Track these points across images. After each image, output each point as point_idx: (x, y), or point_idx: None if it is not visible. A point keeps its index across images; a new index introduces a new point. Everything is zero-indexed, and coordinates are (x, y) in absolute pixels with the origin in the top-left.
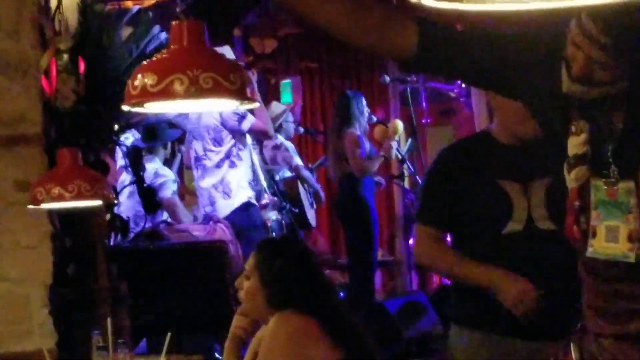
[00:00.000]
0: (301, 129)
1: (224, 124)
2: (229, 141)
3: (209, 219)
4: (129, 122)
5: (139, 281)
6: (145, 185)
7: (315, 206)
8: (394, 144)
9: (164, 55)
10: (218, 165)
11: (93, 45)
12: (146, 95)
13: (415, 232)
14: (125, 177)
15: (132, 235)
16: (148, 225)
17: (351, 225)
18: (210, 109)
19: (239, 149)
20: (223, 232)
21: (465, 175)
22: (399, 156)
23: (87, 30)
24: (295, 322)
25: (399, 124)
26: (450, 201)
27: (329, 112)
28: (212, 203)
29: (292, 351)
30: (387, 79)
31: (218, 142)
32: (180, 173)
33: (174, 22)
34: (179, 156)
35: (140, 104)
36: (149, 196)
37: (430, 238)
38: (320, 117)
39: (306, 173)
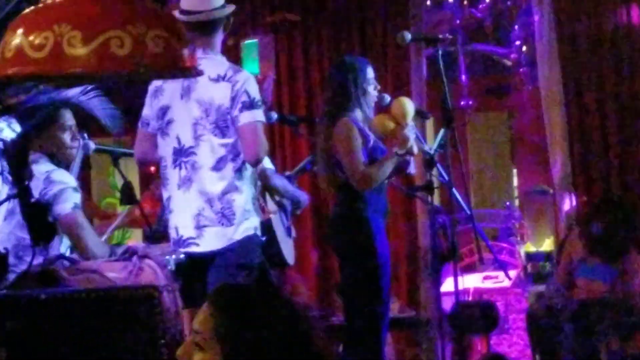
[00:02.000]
0: (274, 116)
1: (224, 102)
2: (234, 133)
3: (131, 252)
4: (4, 102)
5: (23, 347)
6: (32, 199)
7: (293, 234)
8: (412, 132)
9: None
10: (218, 168)
11: None
12: (63, 61)
13: None
14: (1, 188)
15: (12, 277)
16: (37, 261)
17: (350, 263)
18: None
19: None
20: (153, 273)
21: None
22: (425, 154)
23: None
24: None
25: (406, 103)
26: None
27: (318, 89)
28: (200, 227)
29: None
30: (408, 36)
31: (222, 130)
32: (84, 179)
33: None
34: (79, 152)
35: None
36: (38, 217)
37: None
38: (304, 97)
39: (278, 182)
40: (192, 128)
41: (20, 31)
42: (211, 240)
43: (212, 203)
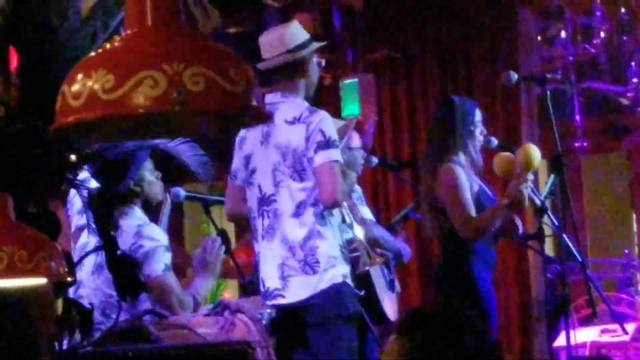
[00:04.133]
0: (374, 160)
1: (300, 143)
2: (312, 176)
3: (222, 307)
4: (96, 151)
5: None
6: (119, 253)
7: (397, 288)
8: (527, 187)
9: (118, 44)
10: (298, 214)
11: (32, 26)
12: (96, 106)
13: None
14: (87, 241)
15: (98, 333)
16: (125, 317)
17: None
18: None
19: None
20: (246, 329)
21: None
22: (536, 203)
23: (23, 3)
24: None
25: (535, 153)
26: None
27: (422, 132)
28: (285, 277)
29: None
30: (514, 76)
31: (299, 174)
32: (172, 228)
33: None
34: (167, 201)
35: (83, 124)
36: (126, 271)
37: None
38: (407, 138)
39: (379, 232)
40: (271, 175)
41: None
42: (296, 291)
43: (295, 251)
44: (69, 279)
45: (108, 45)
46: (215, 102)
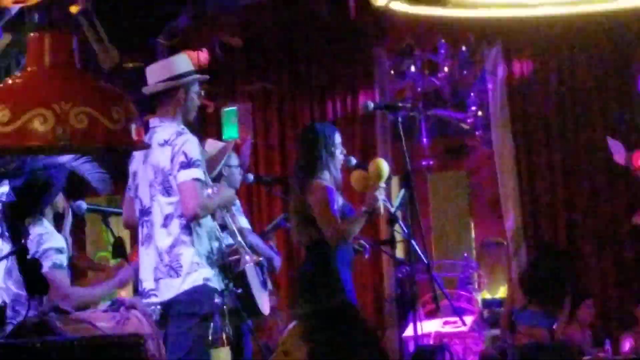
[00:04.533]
0: (250, 177)
1: (166, 164)
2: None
3: (118, 304)
4: (2, 168)
5: None
6: (29, 258)
7: (269, 286)
8: (381, 194)
9: (18, 81)
10: (165, 225)
11: None
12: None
13: None
14: (1, 247)
15: (10, 327)
16: (32, 313)
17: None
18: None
19: None
20: (139, 323)
21: None
22: (389, 212)
23: None
24: None
25: (383, 165)
26: None
27: (291, 153)
28: (156, 280)
29: None
30: (371, 105)
31: (167, 190)
32: (75, 236)
33: (31, 35)
34: (69, 213)
35: None
36: (33, 272)
37: None
38: (278, 158)
39: (254, 240)
40: (149, 190)
41: None
42: (164, 291)
43: (162, 257)
44: None
45: (10, 81)
46: (97, 139)
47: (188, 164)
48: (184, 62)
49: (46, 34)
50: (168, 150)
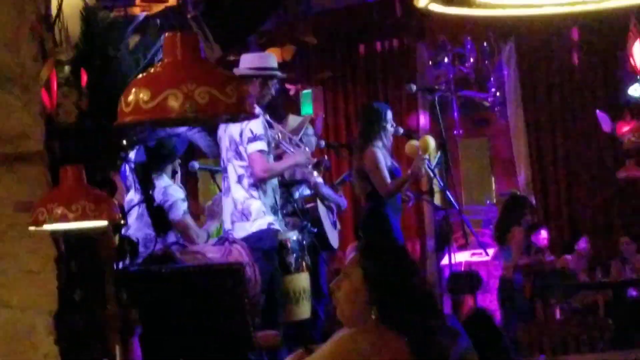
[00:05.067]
0: (322, 143)
1: (239, 137)
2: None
3: (224, 239)
4: (138, 137)
5: (150, 307)
6: (155, 204)
7: (338, 226)
8: (425, 162)
9: (157, 69)
10: (240, 181)
11: (97, 56)
12: (139, 112)
13: None
14: (133, 197)
15: (142, 258)
16: (159, 247)
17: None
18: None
19: None
20: (239, 254)
21: None
22: (428, 171)
23: (91, 40)
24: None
25: (430, 141)
26: None
27: (354, 125)
28: (232, 222)
29: None
30: (414, 87)
31: (239, 155)
32: (190, 189)
33: (166, 34)
34: (178, 174)
35: (133, 121)
36: (159, 216)
37: None
38: (344, 130)
39: (326, 190)
40: (226, 153)
41: (133, 90)
42: (238, 232)
43: (237, 205)
44: (122, 222)
45: (151, 70)
46: (217, 111)
47: (254, 138)
48: (272, 59)
49: (177, 33)
50: (238, 126)
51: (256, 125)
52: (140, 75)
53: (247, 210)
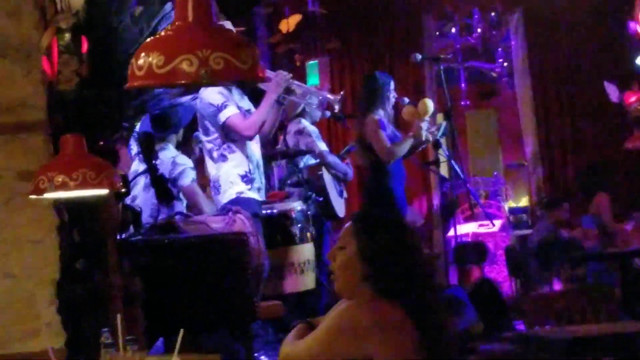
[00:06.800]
0: (327, 113)
1: (201, 112)
2: (214, 131)
3: (227, 209)
4: (141, 107)
5: (153, 277)
6: (157, 173)
7: (345, 195)
8: (424, 125)
9: (169, 33)
10: (210, 156)
11: (100, 24)
12: (152, 76)
13: None
14: (138, 167)
15: (146, 228)
16: (163, 217)
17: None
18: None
19: (231, 140)
20: (243, 224)
21: None
22: (435, 140)
23: (93, 8)
24: (381, 312)
25: (429, 103)
26: None
27: (359, 95)
28: (214, 197)
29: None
30: (419, 57)
31: (205, 130)
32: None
33: None
34: (197, 147)
35: (145, 85)
36: (161, 184)
37: None
38: (350, 100)
39: (332, 159)
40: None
41: (144, 54)
42: (217, 205)
43: (211, 180)
44: (123, 190)
45: (163, 33)
46: (231, 76)
47: (217, 110)
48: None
49: None
50: (198, 101)
51: (212, 96)
52: (149, 39)
53: (218, 183)
